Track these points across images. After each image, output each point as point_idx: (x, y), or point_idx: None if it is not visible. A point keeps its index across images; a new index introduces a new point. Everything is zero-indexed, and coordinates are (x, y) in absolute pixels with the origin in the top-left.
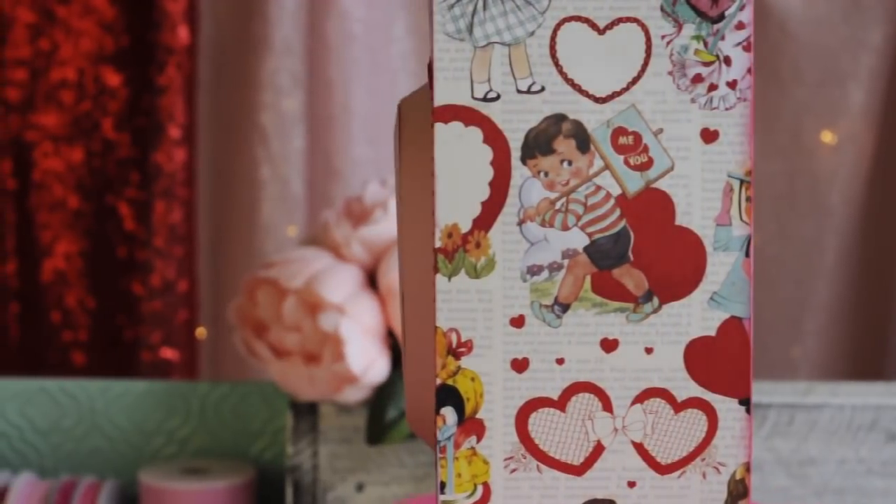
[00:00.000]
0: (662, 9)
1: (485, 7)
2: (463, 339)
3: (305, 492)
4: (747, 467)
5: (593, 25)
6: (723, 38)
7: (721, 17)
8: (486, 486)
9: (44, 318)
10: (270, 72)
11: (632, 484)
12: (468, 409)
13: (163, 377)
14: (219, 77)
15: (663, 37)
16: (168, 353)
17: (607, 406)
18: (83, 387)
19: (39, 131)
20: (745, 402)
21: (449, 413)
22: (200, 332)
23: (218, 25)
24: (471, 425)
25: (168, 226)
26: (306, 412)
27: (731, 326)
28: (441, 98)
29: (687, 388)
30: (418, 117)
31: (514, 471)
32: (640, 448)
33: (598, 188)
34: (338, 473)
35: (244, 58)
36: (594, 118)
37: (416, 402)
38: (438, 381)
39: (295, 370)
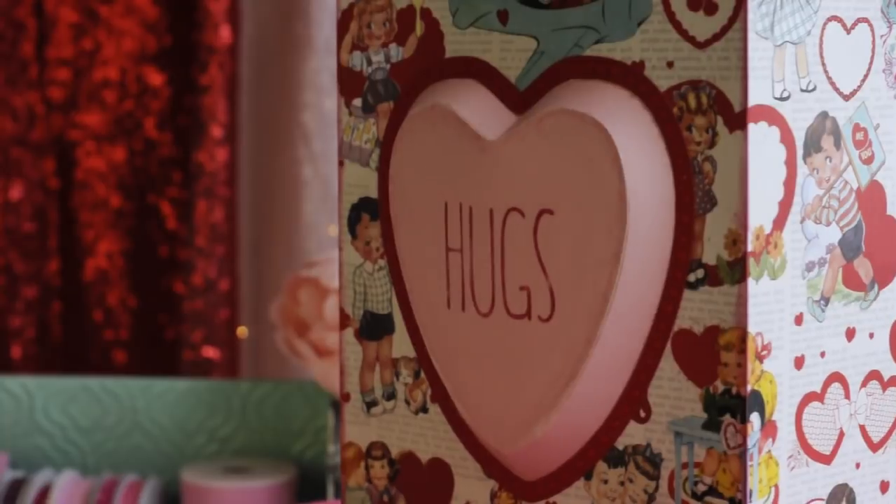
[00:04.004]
0: (882, 10)
1: (781, 5)
2: (765, 342)
3: None
4: None
5: (844, 25)
6: None
7: None
8: (776, 487)
9: (86, 316)
10: (312, 71)
11: (857, 465)
12: (768, 412)
13: (204, 376)
14: (261, 76)
15: (881, 36)
16: (209, 352)
17: (847, 393)
18: (125, 385)
19: (82, 130)
20: None
21: (756, 419)
22: (242, 330)
23: (260, 25)
24: (769, 428)
25: (210, 225)
26: None
27: None
28: (753, 98)
29: (891, 367)
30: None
31: (793, 468)
32: (863, 430)
33: (846, 183)
34: None
35: (286, 57)
36: (842, 115)
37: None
38: (749, 388)
39: (336, 369)
